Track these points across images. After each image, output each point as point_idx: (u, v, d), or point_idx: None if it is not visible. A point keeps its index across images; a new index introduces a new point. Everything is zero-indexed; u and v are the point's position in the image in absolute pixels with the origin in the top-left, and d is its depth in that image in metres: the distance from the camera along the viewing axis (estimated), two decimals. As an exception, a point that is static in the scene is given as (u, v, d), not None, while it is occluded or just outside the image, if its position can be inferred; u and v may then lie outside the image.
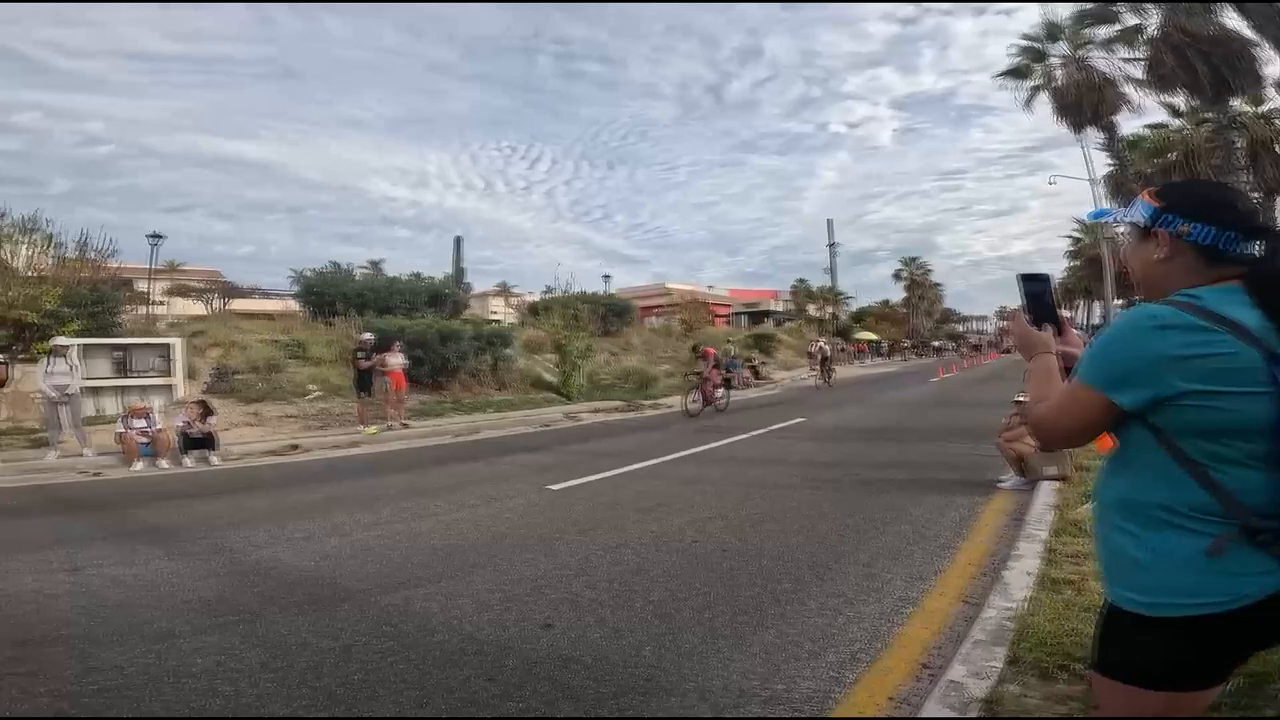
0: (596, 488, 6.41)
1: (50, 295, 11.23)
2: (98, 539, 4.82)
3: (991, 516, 4.88)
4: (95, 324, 11.94)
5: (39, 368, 8.76)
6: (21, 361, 10.27)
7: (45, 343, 9.87)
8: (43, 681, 2.53)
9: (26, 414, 10.18)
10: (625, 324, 26.26)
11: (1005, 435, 5.96)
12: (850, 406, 14.61)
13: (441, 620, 3.13)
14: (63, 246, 12.33)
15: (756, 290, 61.57)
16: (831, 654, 2.72)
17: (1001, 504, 5.22)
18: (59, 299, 11.32)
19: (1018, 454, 5.74)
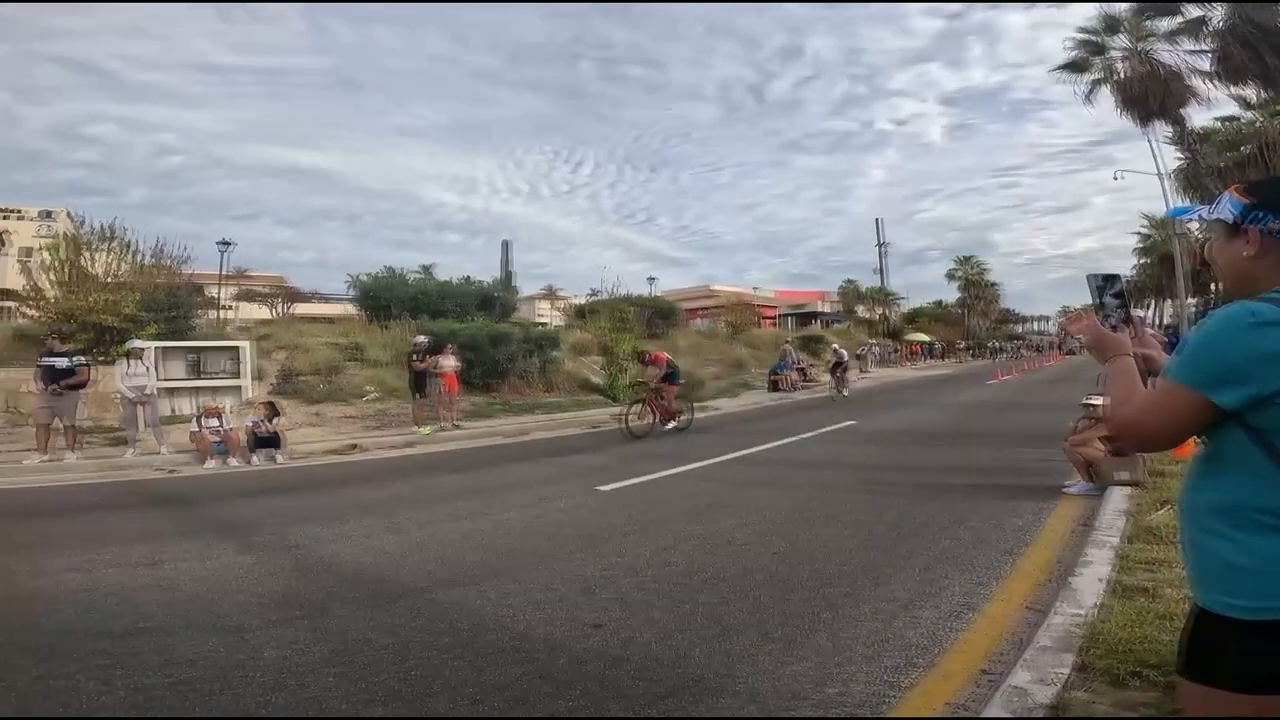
0: (645, 489, 6.43)
1: (129, 300, 11.97)
2: (175, 534, 5.05)
3: (1058, 522, 4.70)
4: (171, 328, 12.65)
5: (118, 369, 9.33)
6: (102, 364, 10.94)
7: (124, 345, 10.52)
8: (122, 674, 2.61)
9: (107, 413, 10.84)
10: (671, 326, 26.25)
11: (1073, 439, 5.73)
12: (902, 410, 14.25)
13: (495, 618, 3.18)
14: (140, 254, 13.10)
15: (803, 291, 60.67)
16: (887, 658, 2.67)
17: (1069, 510, 5.01)
18: (137, 304, 12.05)
19: (1087, 459, 5.51)
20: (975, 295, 57.57)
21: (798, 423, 11.86)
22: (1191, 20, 17.75)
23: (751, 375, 22.36)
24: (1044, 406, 13.19)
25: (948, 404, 15.35)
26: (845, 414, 13.10)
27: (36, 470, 8.08)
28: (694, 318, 37.12)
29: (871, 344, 35.47)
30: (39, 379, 8.68)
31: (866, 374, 27.98)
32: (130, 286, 12.33)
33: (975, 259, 58.42)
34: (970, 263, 57.66)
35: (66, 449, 8.65)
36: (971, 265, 57.59)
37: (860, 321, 47.68)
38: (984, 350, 48.59)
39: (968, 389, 19.69)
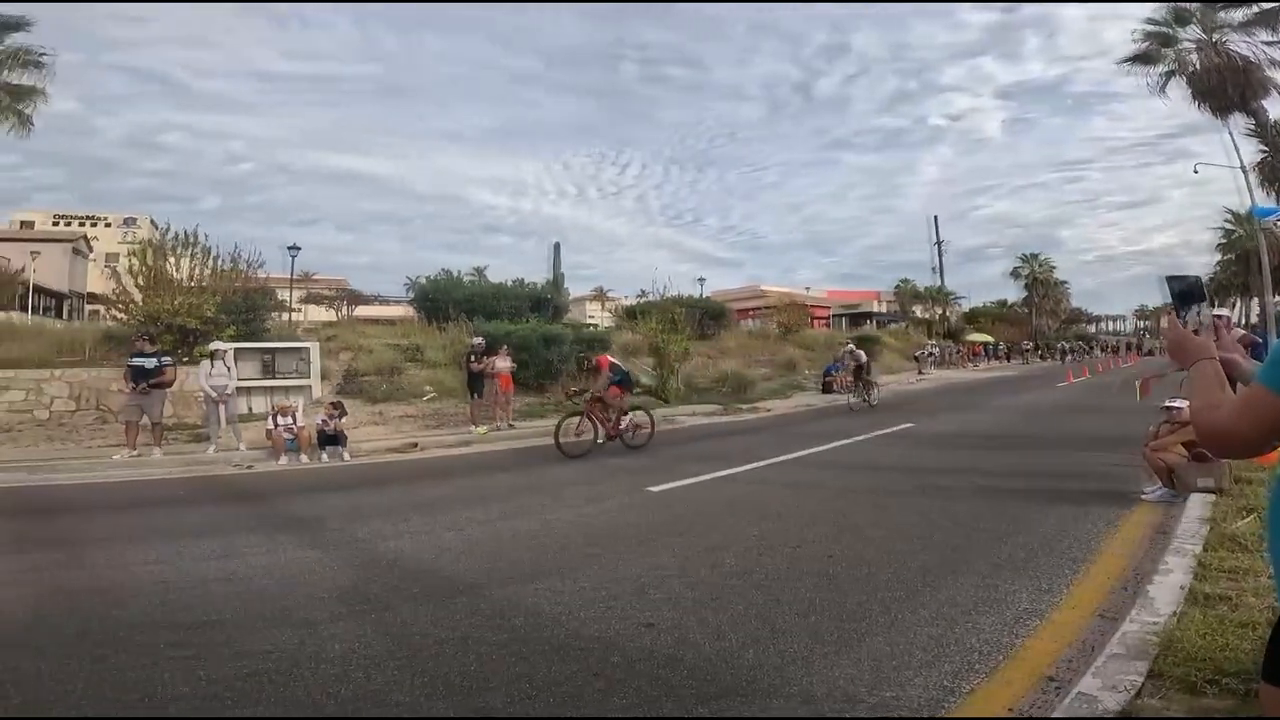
0: (696, 490, 6.42)
1: (209, 303, 12.69)
2: (250, 528, 5.28)
3: (1133, 529, 4.49)
4: (246, 329, 13.35)
5: (200, 369, 9.90)
6: (184, 364, 11.63)
7: (205, 346, 11.17)
8: (200, 665, 2.70)
9: (189, 411, 11.53)
10: (721, 327, 26.10)
11: (1153, 444, 5.46)
12: (963, 412, 13.79)
13: (549, 615, 3.23)
14: (218, 259, 13.87)
15: (856, 291, 59.38)
16: (946, 664, 2.61)
17: (1145, 517, 4.79)
18: (216, 307, 12.77)
19: (1167, 464, 5.24)
20: (1042, 294, 55.08)
21: (852, 424, 11.61)
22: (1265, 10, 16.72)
23: (804, 377, 22.02)
24: (1118, 410, 12.55)
25: (1012, 407, 14.76)
26: (903, 417, 12.76)
27: (124, 465, 8.63)
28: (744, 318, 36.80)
29: (929, 345, 34.40)
30: (127, 378, 9.29)
31: (924, 376, 27.16)
32: (209, 290, 13.07)
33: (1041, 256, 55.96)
34: (1036, 260, 55.26)
35: (152, 445, 9.22)
36: (1037, 262, 55.16)
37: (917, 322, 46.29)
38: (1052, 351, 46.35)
39: (1034, 391, 18.87)
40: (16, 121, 12.46)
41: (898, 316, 49.33)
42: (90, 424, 11.41)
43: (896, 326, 43.82)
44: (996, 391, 19.37)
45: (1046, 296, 55.58)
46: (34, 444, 10.20)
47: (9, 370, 11.82)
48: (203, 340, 12.01)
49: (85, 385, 12.06)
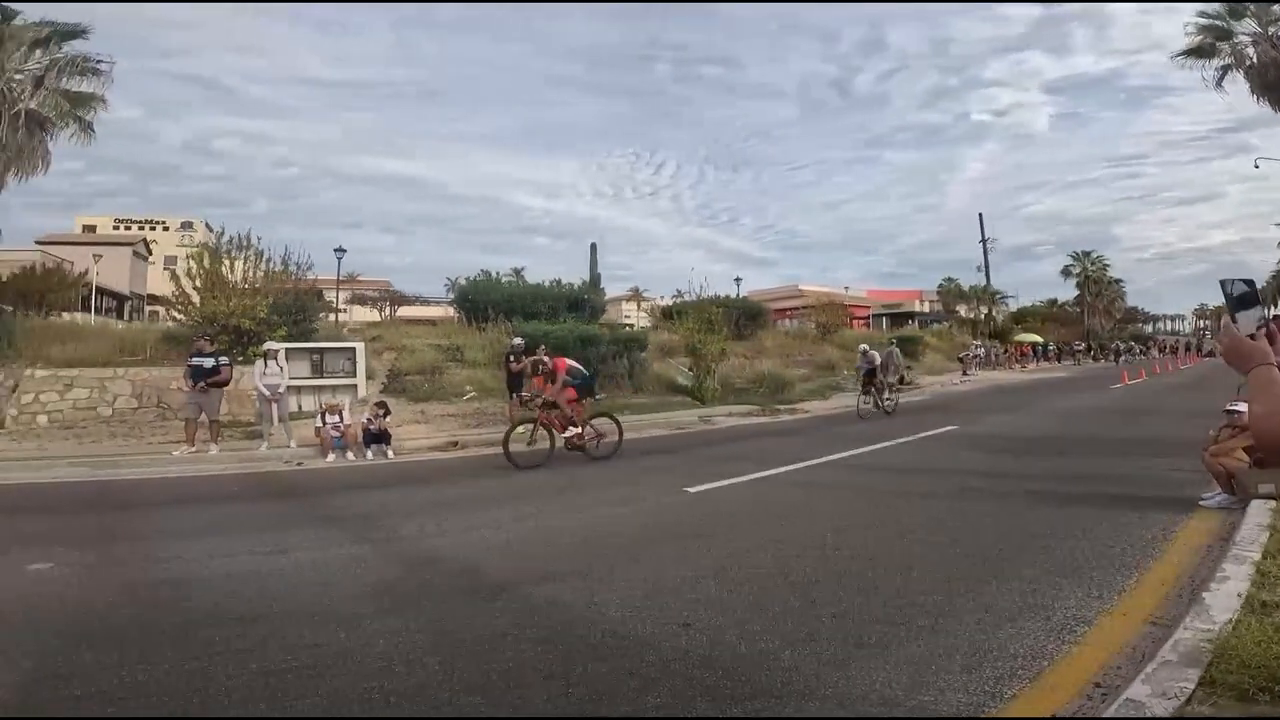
0: (734, 491, 6.41)
1: (262, 305, 13.19)
2: (300, 524, 5.47)
3: (1191, 536, 4.33)
4: (297, 330, 13.83)
5: (255, 369, 10.30)
6: (239, 364, 12.11)
7: (259, 346, 11.61)
8: (254, 657, 2.78)
9: (243, 409, 12.00)
10: (758, 327, 25.91)
11: (1213, 449, 5.25)
12: (1011, 415, 13.40)
13: (585, 614, 3.26)
14: (271, 261, 14.40)
15: (898, 291, 58.16)
16: (988, 669, 2.57)
17: (1204, 523, 4.61)
18: (268, 308, 13.26)
19: (1227, 469, 5.02)
20: (1095, 292, 53.00)
21: (893, 426, 11.40)
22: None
23: (843, 377, 21.69)
24: (1176, 413, 12.04)
25: (1062, 409, 14.27)
26: (947, 419, 12.47)
27: (183, 461, 9.02)
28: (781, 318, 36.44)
29: (974, 345, 33.49)
30: (187, 377, 9.73)
31: (969, 377, 26.46)
32: (262, 292, 13.58)
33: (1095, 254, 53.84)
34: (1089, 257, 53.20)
35: (209, 442, 9.63)
36: (1091, 260, 53.11)
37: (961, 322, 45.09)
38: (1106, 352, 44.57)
39: (1087, 393, 18.21)
40: (78, 128, 12.92)
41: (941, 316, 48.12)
42: (151, 421, 11.98)
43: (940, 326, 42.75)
44: (1046, 393, 18.75)
45: (1100, 295, 53.40)
46: (98, 440, 10.74)
47: (74, 369, 12.50)
48: (256, 341, 12.48)
49: (147, 384, 12.67)
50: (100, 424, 11.77)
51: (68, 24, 12.79)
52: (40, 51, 12.64)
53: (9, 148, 12.14)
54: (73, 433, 11.22)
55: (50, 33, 12.61)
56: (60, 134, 13.00)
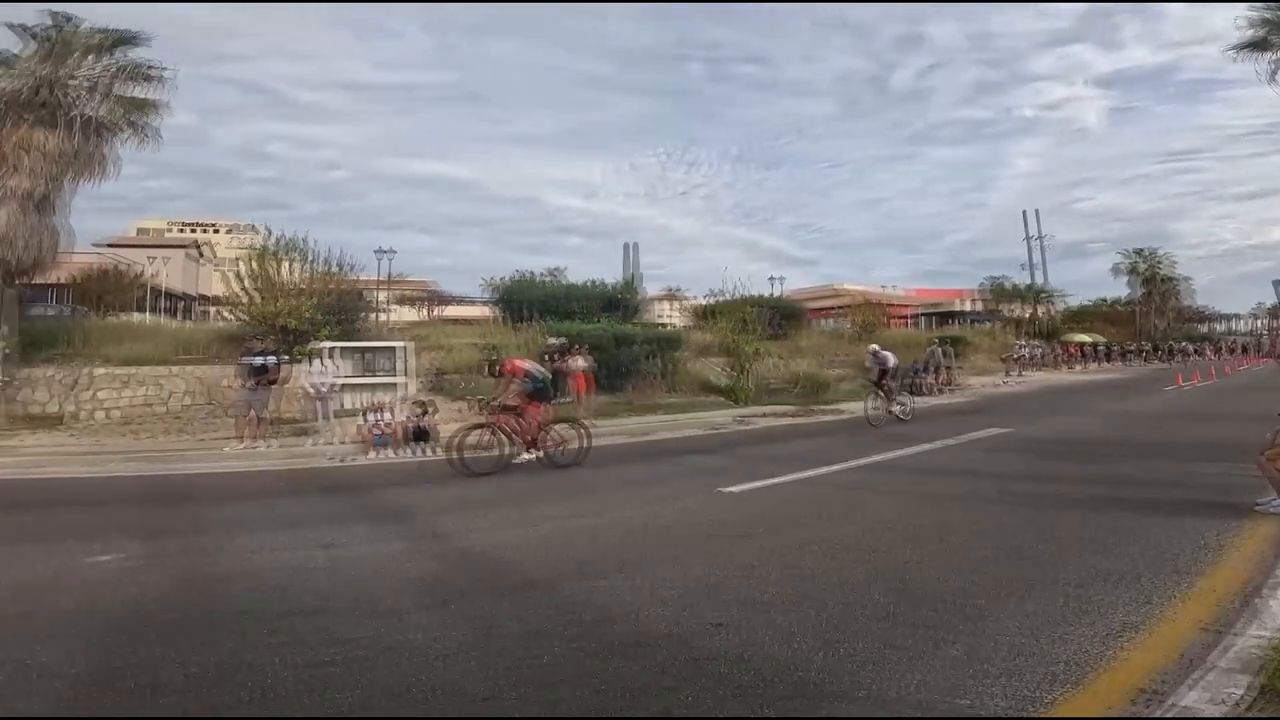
0: (769, 492, 6.36)
1: (310, 305, 13.63)
2: (344, 519, 5.59)
3: (1247, 542, 4.16)
4: (343, 330, 14.24)
5: (304, 367, 10.66)
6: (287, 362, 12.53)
7: (308, 346, 12.00)
8: (298, 650, 2.84)
9: (291, 407, 12.42)
10: (795, 327, 25.63)
11: (1269, 453, 5.01)
12: (1061, 417, 12.98)
13: (619, 612, 3.27)
14: (318, 263, 14.86)
15: (941, 290, 56.84)
16: (1029, 673, 2.51)
17: (1262, 529, 4.42)
18: (317, 308, 13.69)
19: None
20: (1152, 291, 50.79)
21: (936, 428, 11.14)
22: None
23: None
24: (1233, 417, 11.48)
25: (1115, 412, 13.77)
26: (993, 421, 12.14)
27: (235, 457, 9.38)
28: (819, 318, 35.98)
29: (1021, 345, 32.49)
30: (240, 375, 10.12)
31: (1017, 378, 25.70)
32: (310, 292, 14.02)
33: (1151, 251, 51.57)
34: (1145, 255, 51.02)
35: (260, 438, 10.00)
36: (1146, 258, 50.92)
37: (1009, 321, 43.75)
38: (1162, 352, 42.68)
39: (1141, 396, 17.52)
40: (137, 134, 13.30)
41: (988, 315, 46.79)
42: (205, 417, 12.49)
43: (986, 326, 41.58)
44: (1098, 395, 18.10)
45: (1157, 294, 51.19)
46: (154, 436, 11.25)
47: (132, 367, 13.11)
48: (304, 340, 12.90)
49: (202, 381, 13.21)
50: (157, 420, 12.32)
51: (125, 30, 13.15)
52: (99, 58, 13.00)
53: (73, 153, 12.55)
54: (130, 428, 11.77)
55: (108, 39, 12.96)
56: (120, 139, 13.37)
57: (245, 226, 57.66)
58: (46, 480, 7.93)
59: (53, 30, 12.59)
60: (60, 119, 12.32)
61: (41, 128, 12.20)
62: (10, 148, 11.95)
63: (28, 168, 12.02)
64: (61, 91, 12.52)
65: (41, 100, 12.26)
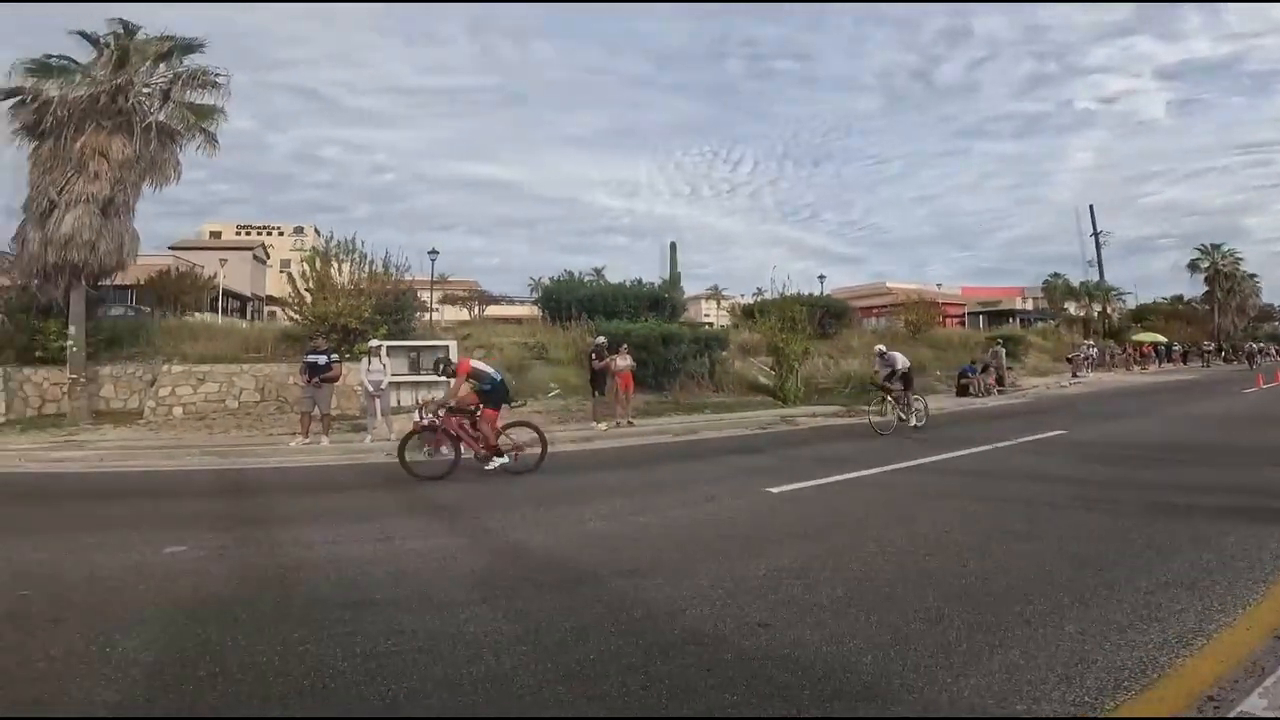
0: (817, 493, 6.30)
1: (366, 305, 14.10)
2: (399, 513, 5.78)
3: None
4: (396, 329, 14.70)
5: (360, 365, 11.05)
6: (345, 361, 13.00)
7: (363, 344, 12.43)
8: (359, 641, 2.91)
9: (349, 404, 12.89)
10: (843, 326, 25.17)
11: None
12: (1127, 420, 12.41)
13: (665, 610, 3.28)
14: (373, 263, 15.34)
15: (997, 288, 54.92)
16: (1090, 679, 2.44)
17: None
18: (372, 308, 14.16)
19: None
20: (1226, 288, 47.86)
21: (993, 430, 10.81)
22: None
23: (935, 378, 20.75)
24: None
25: (1187, 415, 13.07)
26: (1054, 423, 11.70)
27: (298, 452, 9.78)
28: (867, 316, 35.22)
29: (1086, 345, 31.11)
30: (303, 373, 10.56)
31: (1080, 379, 24.65)
32: (366, 293, 14.51)
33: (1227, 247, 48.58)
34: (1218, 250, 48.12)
35: (321, 434, 10.40)
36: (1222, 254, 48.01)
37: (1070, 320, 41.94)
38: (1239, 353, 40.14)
39: (1215, 398, 16.57)
40: (203, 139, 13.69)
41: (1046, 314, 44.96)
42: (271, 413, 13.08)
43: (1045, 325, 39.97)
44: (1168, 397, 17.21)
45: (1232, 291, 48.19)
46: (225, 431, 11.84)
47: (205, 365, 13.82)
48: (361, 339, 13.37)
49: (268, 379, 13.84)
50: (227, 415, 12.97)
51: (185, 38, 13.57)
52: (163, 65, 13.46)
53: (146, 159, 13.10)
54: (203, 423, 12.41)
55: (171, 47, 13.39)
56: (187, 145, 13.78)
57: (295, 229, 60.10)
58: (128, 473, 8.44)
59: (118, 38, 13.00)
60: (133, 125, 12.80)
61: (113, 134, 12.68)
62: (86, 153, 12.46)
63: (102, 173, 12.53)
64: (132, 98, 12.97)
65: (117, 108, 12.77)
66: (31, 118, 12.55)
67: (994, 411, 14.68)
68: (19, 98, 12.63)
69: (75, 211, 12.34)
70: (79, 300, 12.84)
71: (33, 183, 12.77)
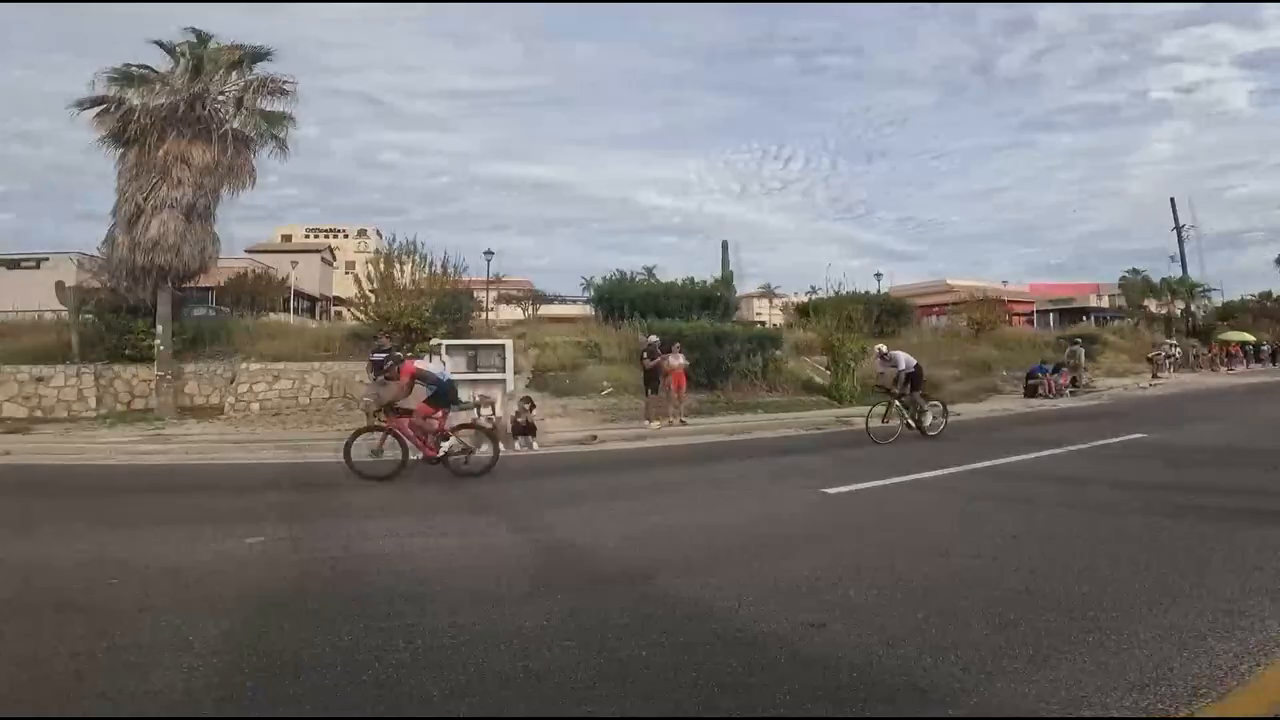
0: (875, 494, 6.17)
1: (426, 305, 14.57)
2: (457, 509, 5.95)
3: None
4: (455, 328, 15.13)
5: (422, 364, 11.42)
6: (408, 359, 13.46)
7: (425, 343, 12.84)
8: (419, 632, 2.98)
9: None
10: (901, 325, 24.48)
11: None
12: (1212, 423, 11.63)
13: (718, 608, 3.27)
14: (433, 264, 15.81)
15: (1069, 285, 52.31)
16: (1163, 686, 2.35)
17: None
18: (432, 308, 14.61)
19: None
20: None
21: (1064, 433, 10.34)
22: None
23: (1001, 379, 19.95)
24: None
25: (1277, 419, 12.18)
26: (1131, 425, 11.08)
27: (365, 445, 10.22)
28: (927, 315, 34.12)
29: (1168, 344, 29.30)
30: (369, 371, 10.99)
31: (1161, 380, 23.25)
32: (427, 293, 14.99)
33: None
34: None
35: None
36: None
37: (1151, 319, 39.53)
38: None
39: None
40: (275, 146, 14.16)
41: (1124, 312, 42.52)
42: (340, 410, 13.67)
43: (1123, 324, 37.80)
44: (1259, 400, 16.05)
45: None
46: (298, 426, 12.43)
47: (280, 363, 14.54)
48: (422, 337, 13.82)
49: (336, 376, 14.47)
50: (300, 411, 13.63)
51: (255, 46, 14.05)
52: (235, 74, 13.96)
53: (226, 166, 13.64)
54: (278, 419, 13.04)
55: (241, 55, 13.90)
56: (260, 151, 14.26)
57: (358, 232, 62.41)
58: (210, 466, 9.00)
59: (192, 47, 13.61)
60: (211, 133, 13.39)
61: (192, 141, 13.29)
62: (169, 160, 13.11)
63: (185, 179, 13.18)
64: (209, 106, 13.59)
65: (195, 115, 13.43)
66: (117, 125, 13.21)
67: (1066, 413, 14.01)
68: (104, 106, 13.27)
69: (161, 216, 12.98)
70: (165, 301, 13.59)
71: (120, 189, 13.48)
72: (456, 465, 7.60)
